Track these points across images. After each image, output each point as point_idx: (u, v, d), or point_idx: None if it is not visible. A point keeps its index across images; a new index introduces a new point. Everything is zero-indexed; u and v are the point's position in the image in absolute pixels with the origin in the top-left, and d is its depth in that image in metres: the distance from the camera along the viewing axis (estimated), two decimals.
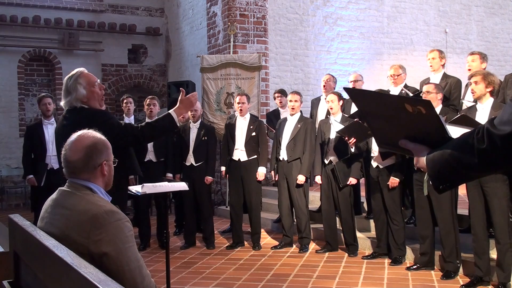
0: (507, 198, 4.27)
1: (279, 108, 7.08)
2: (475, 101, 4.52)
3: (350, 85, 6.42)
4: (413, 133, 1.46)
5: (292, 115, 5.97)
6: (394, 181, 5.06)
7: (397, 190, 5.12)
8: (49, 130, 6.26)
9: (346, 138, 5.25)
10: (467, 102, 5.00)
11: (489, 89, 4.34)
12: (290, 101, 5.94)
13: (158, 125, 3.35)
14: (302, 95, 6.23)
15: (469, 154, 1.29)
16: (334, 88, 6.47)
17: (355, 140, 5.18)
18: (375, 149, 5.21)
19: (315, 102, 6.77)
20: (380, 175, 5.20)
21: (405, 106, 1.41)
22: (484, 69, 5.17)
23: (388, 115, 1.51)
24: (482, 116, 4.33)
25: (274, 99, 7.23)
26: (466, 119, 4.06)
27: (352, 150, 5.37)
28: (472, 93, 4.44)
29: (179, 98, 3.41)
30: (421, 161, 1.44)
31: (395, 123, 1.50)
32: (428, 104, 1.38)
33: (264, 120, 7.17)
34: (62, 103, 3.39)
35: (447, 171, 1.36)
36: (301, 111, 6.07)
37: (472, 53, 5.35)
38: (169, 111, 3.37)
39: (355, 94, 1.71)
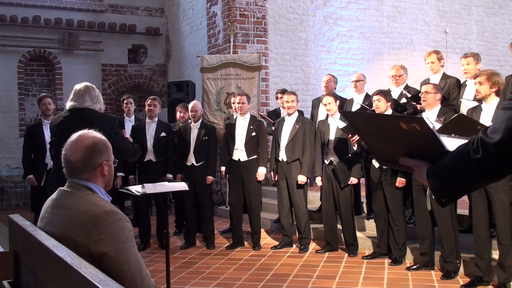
0: (510, 199, 4.26)
1: (280, 108, 7.08)
2: (479, 100, 4.49)
3: (352, 85, 6.42)
4: (411, 149, 1.48)
5: (289, 115, 5.96)
6: (402, 180, 5.05)
7: (400, 190, 5.11)
8: (49, 130, 6.26)
9: (350, 135, 5.24)
10: (465, 100, 4.99)
11: (493, 90, 4.30)
12: (287, 101, 5.92)
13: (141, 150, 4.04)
14: (302, 95, 6.23)
15: (466, 165, 1.30)
16: (335, 89, 6.47)
17: (358, 137, 5.17)
18: None
19: (316, 102, 6.76)
20: (383, 175, 5.19)
21: (400, 124, 1.44)
22: (479, 69, 5.13)
23: (386, 133, 1.53)
24: (487, 116, 4.30)
25: (276, 98, 7.22)
26: (464, 119, 4.05)
27: (355, 148, 5.36)
28: (477, 93, 4.42)
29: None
30: (422, 176, 1.45)
31: (393, 141, 1.52)
32: (421, 121, 1.40)
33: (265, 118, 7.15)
34: (73, 103, 3.66)
35: (448, 184, 1.38)
36: (298, 111, 6.06)
37: (465, 56, 5.24)
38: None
39: (351, 116, 1.74)
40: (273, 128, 6.47)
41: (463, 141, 1.47)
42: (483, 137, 1.26)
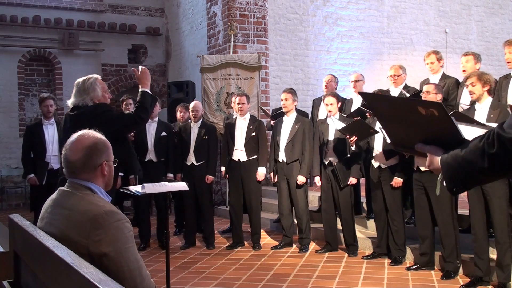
0: (507, 198, 4.28)
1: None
2: (472, 103, 4.53)
3: (351, 85, 6.42)
4: (428, 136, 1.48)
5: (286, 113, 5.95)
6: (398, 181, 5.05)
7: (399, 190, 5.11)
8: (49, 131, 6.29)
9: (347, 136, 5.24)
10: (463, 105, 5.02)
11: (486, 88, 4.37)
12: (282, 99, 5.90)
13: (145, 103, 3.86)
14: (302, 95, 6.21)
15: (480, 158, 1.29)
16: (336, 89, 6.46)
17: (356, 138, 5.17)
18: (376, 148, 5.20)
19: (317, 102, 6.75)
20: (382, 175, 5.19)
21: (418, 109, 1.43)
22: (478, 69, 5.17)
23: (404, 118, 1.53)
24: (481, 115, 4.34)
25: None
26: (460, 116, 4.07)
27: (353, 148, 5.36)
28: (471, 95, 4.46)
29: (136, 77, 4.00)
30: (436, 163, 1.44)
31: (411, 126, 1.52)
32: (440, 106, 1.39)
33: (267, 120, 7.14)
34: (71, 102, 3.73)
35: (461, 174, 1.38)
36: (303, 112, 6.03)
37: (466, 54, 5.36)
38: (140, 89, 3.90)
39: (371, 98, 1.72)
40: (272, 122, 6.44)
41: (480, 129, 1.46)
42: (499, 132, 1.25)
